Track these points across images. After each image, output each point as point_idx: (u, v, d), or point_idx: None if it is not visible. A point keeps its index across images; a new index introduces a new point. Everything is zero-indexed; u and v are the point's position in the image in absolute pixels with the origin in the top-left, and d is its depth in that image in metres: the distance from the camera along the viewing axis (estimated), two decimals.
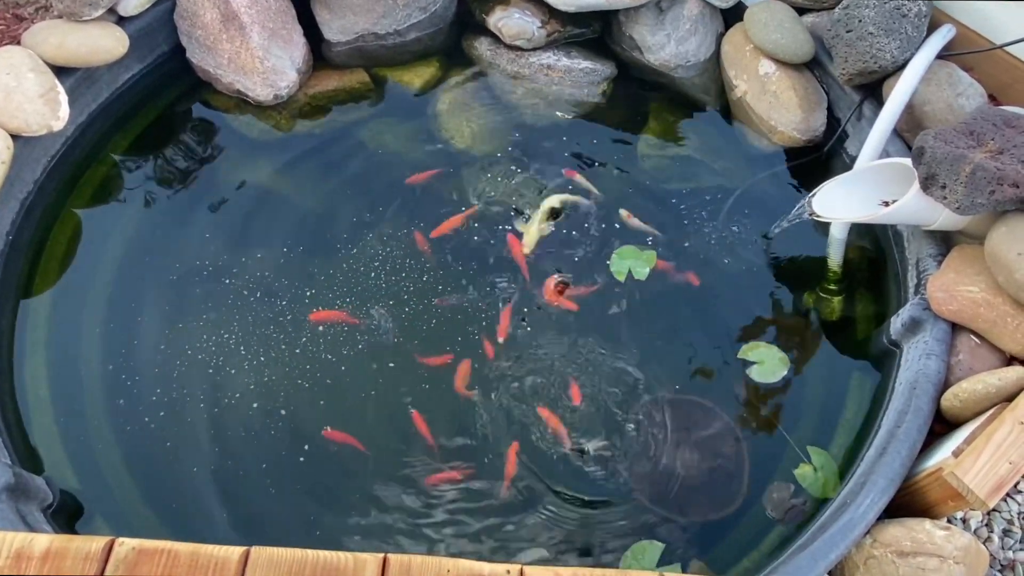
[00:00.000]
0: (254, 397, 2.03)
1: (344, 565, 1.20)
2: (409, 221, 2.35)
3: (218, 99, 2.58)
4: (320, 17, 2.62)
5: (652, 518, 1.90)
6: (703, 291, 2.26)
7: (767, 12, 2.51)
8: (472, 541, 1.86)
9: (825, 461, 1.96)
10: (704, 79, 2.71)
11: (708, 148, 2.59)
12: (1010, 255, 1.81)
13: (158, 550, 1.20)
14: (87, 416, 1.99)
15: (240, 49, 2.45)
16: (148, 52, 2.52)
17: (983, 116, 1.93)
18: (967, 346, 1.91)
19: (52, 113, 2.19)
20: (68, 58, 2.26)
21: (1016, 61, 2.27)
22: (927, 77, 2.23)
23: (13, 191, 2.17)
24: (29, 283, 2.18)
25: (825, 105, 2.52)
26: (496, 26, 2.66)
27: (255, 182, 2.43)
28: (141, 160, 2.46)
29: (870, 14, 2.27)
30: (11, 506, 1.69)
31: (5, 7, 2.42)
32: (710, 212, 2.41)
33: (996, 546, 1.90)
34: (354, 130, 2.57)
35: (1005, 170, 1.79)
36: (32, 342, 2.09)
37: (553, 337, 2.15)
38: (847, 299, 2.27)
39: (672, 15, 2.64)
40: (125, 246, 2.27)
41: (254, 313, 2.15)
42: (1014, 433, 1.62)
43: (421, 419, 2.00)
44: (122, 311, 2.15)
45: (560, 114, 2.63)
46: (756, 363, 2.12)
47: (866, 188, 2.14)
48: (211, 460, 1.95)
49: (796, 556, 1.64)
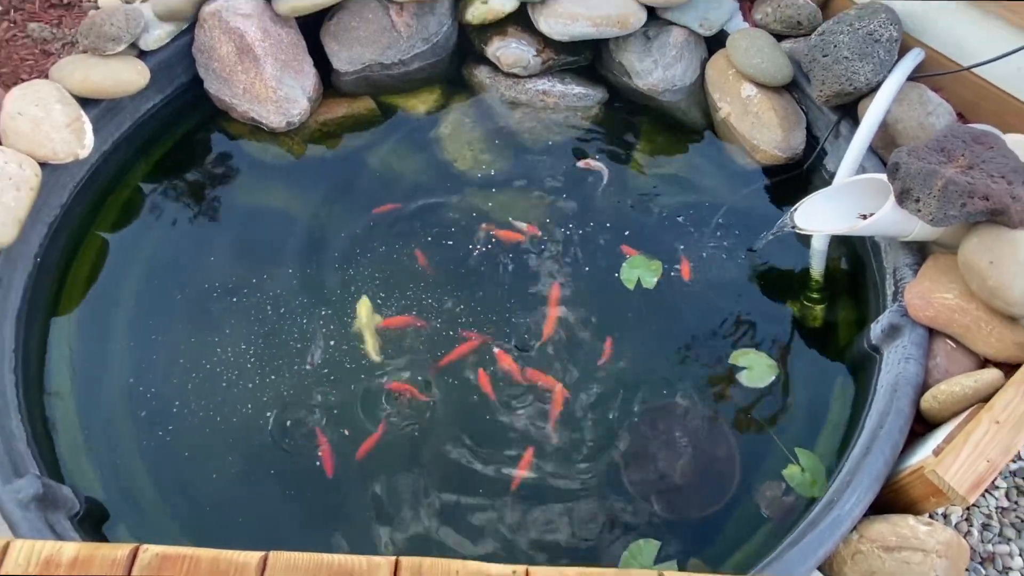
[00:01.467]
0: (268, 408, 2.01)
1: (358, 567, 1.18)
2: (413, 239, 2.34)
3: (234, 126, 2.59)
4: (329, 49, 2.64)
5: (649, 517, 1.89)
6: (694, 300, 2.26)
7: (748, 39, 2.53)
8: (477, 542, 1.85)
9: (812, 461, 1.95)
10: (690, 102, 2.72)
11: (695, 166, 2.60)
12: (982, 263, 1.82)
13: (180, 556, 1.19)
14: (111, 428, 1.99)
15: (254, 80, 2.46)
16: (168, 84, 2.54)
17: (953, 133, 1.94)
18: (943, 350, 1.90)
19: (78, 142, 2.19)
20: (93, 90, 2.27)
21: (982, 81, 2.28)
22: (899, 98, 2.24)
23: (41, 215, 2.17)
24: (56, 302, 2.18)
25: (804, 125, 2.53)
26: (494, 55, 2.67)
27: (269, 204, 2.43)
28: (161, 185, 2.46)
29: (845, 39, 2.28)
30: (40, 515, 1.68)
31: (34, 44, 2.43)
32: (699, 226, 2.42)
33: (976, 540, 1.89)
34: (362, 154, 2.57)
35: (975, 184, 1.79)
36: (59, 357, 2.09)
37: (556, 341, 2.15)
38: (829, 307, 2.27)
39: (659, 43, 2.65)
40: (146, 266, 2.27)
41: (268, 328, 2.15)
42: (990, 432, 1.61)
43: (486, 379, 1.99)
44: (143, 327, 2.15)
45: (556, 136, 2.64)
46: (745, 368, 2.12)
47: (845, 202, 2.14)
48: (228, 468, 1.94)
49: (787, 552, 1.63)
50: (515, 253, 2.32)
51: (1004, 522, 1.93)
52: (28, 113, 2.13)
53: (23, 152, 2.10)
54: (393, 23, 2.63)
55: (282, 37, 2.52)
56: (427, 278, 2.26)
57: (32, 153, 2.11)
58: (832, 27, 2.34)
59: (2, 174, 2.01)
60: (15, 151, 2.09)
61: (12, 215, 2.00)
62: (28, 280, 2.11)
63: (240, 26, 2.40)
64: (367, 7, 2.61)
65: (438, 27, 2.69)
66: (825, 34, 2.34)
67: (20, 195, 2.03)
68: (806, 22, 2.53)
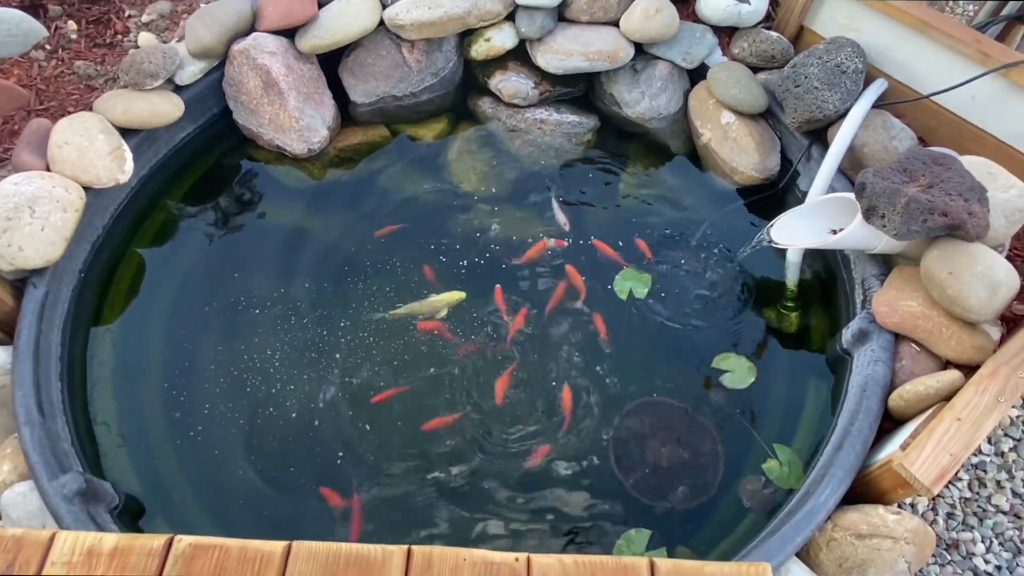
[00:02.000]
0: (291, 410, 2.02)
1: (373, 556, 1.18)
2: (421, 255, 2.35)
3: (260, 153, 2.61)
4: (347, 83, 2.66)
5: (640, 508, 1.88)
6: (679, 309, 2.26)
7: (726, 71, 2.55)
8: (482, 533, 1.84)
9: (789, 456, 1.95)
10: (674, 129, 2.73)
11: (680, 187, 2.61)
12: (942, 274, 1.82)
13: (212, 545, 1.19)
14: (147, 428, 1.99)
15: (279, 111, 2.48)
16: (200, 115, 2.55)
17: (914, 155, 1.95)
18: (909, 353, 1.90)
19: (119, 168, 2.21)
20: (132, 121, 2.28)
21: (940, 108, 2.30)
22: (865, 123, 2.25)
23: (85, 235, 2.19)
24: (98, 313, 2.19)
25: (778, 149, 2.54)
26: (496, 87, 2.69)
27: (292, 223, 2.45)
28: (194, 207, 2.48)
29: (815, 71, 2.30)
30: (82, 508, 1.68)
31: (79, 80, 2.45)
32: (683, 242, 2.43)
33: (941, 527, 1.88)
34: (376, 177, 2.59)
35: (935, 201, 1.80)
36: (100, 364, 2.09)
37: (555, 345, 2.15)
38: (804, 314, 2.27)
39: (645, 75, 2.67)
40: (180, 281, 2.28)
41: (291, 336, 2.16)
42: (952, 428, 1.61)
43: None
44: (178, 336, 2.16)
45: (552, 160, 2.65)
46: (727, 371, 2.12)
47: (817, 219, 2.15)
48: (254, 465, 1.94)
49: (767, 540, 1.63)
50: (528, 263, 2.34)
51: (967, 511, 1.92)
52: (74, 142, 2.14)
53: (69, 177, 2.12)
54: (405, 59, 2.65)
55: (304, 72, 2.54)
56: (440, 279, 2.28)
57: (77, 178, 2.13)
58: (803, 60, 2.35)
59: (50, 197, 2.03)
60: (62, 176, 2.11)
61: (59, 234, 2.01)
62: (73, 293, 2.12)
63: (266, 62, 2.42)
64: (381, 45, 2.63)
65: (445, 62, 2.71)
66: (797, 66, 2.36)
67: (66, 216, 2.04)
68: (779, 56, 2.55)
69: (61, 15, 2.63)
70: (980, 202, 1.83)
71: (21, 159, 2.11)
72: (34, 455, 1.73)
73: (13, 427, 1.82)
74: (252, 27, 2.51)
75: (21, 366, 1.87)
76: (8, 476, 1.76)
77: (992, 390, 1.67)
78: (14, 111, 2.35)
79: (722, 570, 1.19)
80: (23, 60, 2.50)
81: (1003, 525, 1.89)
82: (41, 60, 2.50)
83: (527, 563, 1.17)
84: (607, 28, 2.62)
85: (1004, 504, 1.93)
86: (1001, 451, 2.02)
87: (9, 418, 1.85)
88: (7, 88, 2.36)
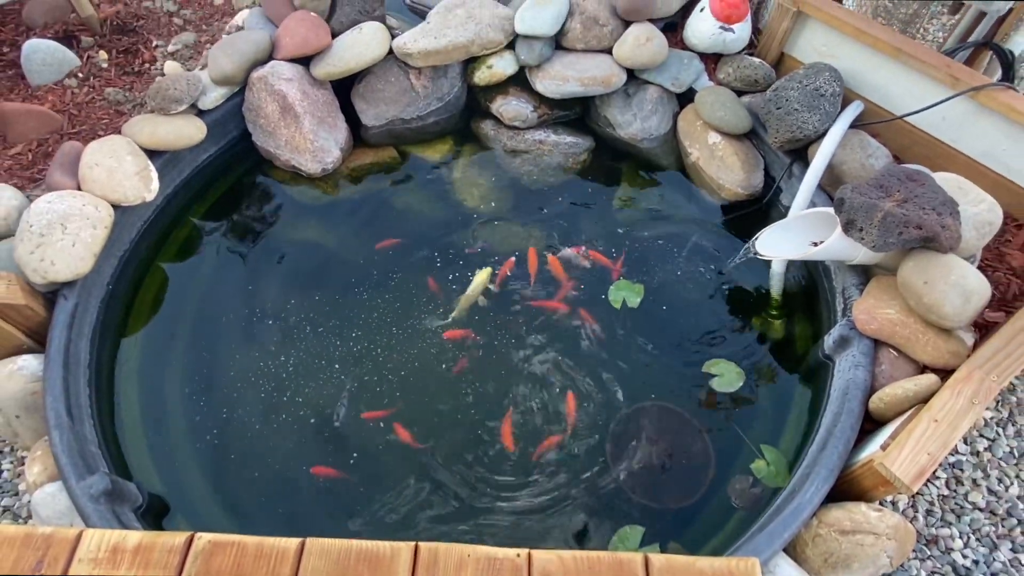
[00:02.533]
0: (306, 416, 2.01)
1: (382, 552, 1.17)
2: (427, 266, 2.36)
3: (276, 173, 2.62)
4: (358, 107, 2.68)
5: (634, 506, 1.87)
6: (670, 317, 2.26)
7: (713, 95, 2.56)
8: (485, 529, 1.83)
9: (776, 456, 1.94)
10: (664, 148, 2.74)
11: (670, 202, 2.61)
12: (918, 284, 1.82)
13: (230, 542, 1.18)
14: (170, 431, 1.99)
15: (295, 134, 2.50)
16: (221, 137, 2.57)
17: (890, 172, 1.96)
18: (888, 358, 1.90)
19: (145, 187, 2.22)
20: (158, 143, 2.30)
21: (913, 128, 2.31)
22: (843, 143, 2.26)
23: (113, 249, 2.19)
24: (125, 323, 2.19)
25: (762, 166, 2.55)
26: (498, 111, 2.71)
27: (306, 239, 2.45)
28: (215, 223, 2.49)
29: (795, 95, 2.31)
30: (108, 507, 1.68)
31: (109, 105, 2.48)
32: (674, 254, 2.43)
33: (921, 524, 1.86)
34: (386, 195, 2.60)
35: (910, 215, 1.80)
36: (127, 371, 2.09)
37: (553, 349, 2.15)
38: (788, 322, 2.27)
39: (637, 99, 2.69)
40: (202, 292, 2.29)
41: (305, 345, 2.15)
42: (930, 429, 1.60)
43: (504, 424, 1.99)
44: (199, 345, 2.16)
45: (551, 179, 2.66)
46: (717, 376, 2.11)
47: (799, 232, 2.15)
48: (270, 466, 1.93)
49: (756, 536, 1.61)
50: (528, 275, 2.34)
51: (945, 508, 1.90)
52: (103, 163, 2.16)
53: (99, 196, 2.13)
54: (412, 85, 2.67)
55: (318, 97, 2.56)
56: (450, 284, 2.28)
57: (106, 197, 2.14)
58: (784, 84, 2.37)
59: (81, 215, 2.04)
60: (92, 195, 2.12)
61: (89, 249, 2.02)
62: (101, 305, 2.12)
63: (283, 88, 2.44)
64: (391, 72, 2.65)
65: (450, 88, 2.73)
66: (778, 90, 2.37)
67: (96, 232, 2.05)
68: (762, 80, 2.56)
69: (93, 45, 2.66)
70: (952, 216, 1.83)
71: (54, 179, 2.13)
72: (63, 457, 1.73)
73: (44, 430, 1.82)
74: (270, 56, 2.53)
75: (52, 373, 1.87)
76: (38, 477, 1.76)
77: (967, 393, 1.66)
78: (48, 135, 2.37)
79: (712, 565, 1.18)
80: (57, 87, 2.52)
81: (980, 521, 1.88)
82: (74, 87, 2.53)
83: (528, 559, 1.16)
84: (601, 55, 2.64)
85: (980, 501, 1.91)
86: (977, 451, 2.01)
87: (40, 422, 1.85)
88: (41, 113, 2.38)
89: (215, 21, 2.82)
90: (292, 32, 2.50)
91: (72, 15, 2.72)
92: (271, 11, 2.61)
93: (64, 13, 2.73)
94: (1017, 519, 1.88)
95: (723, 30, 2.55)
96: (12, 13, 2.79)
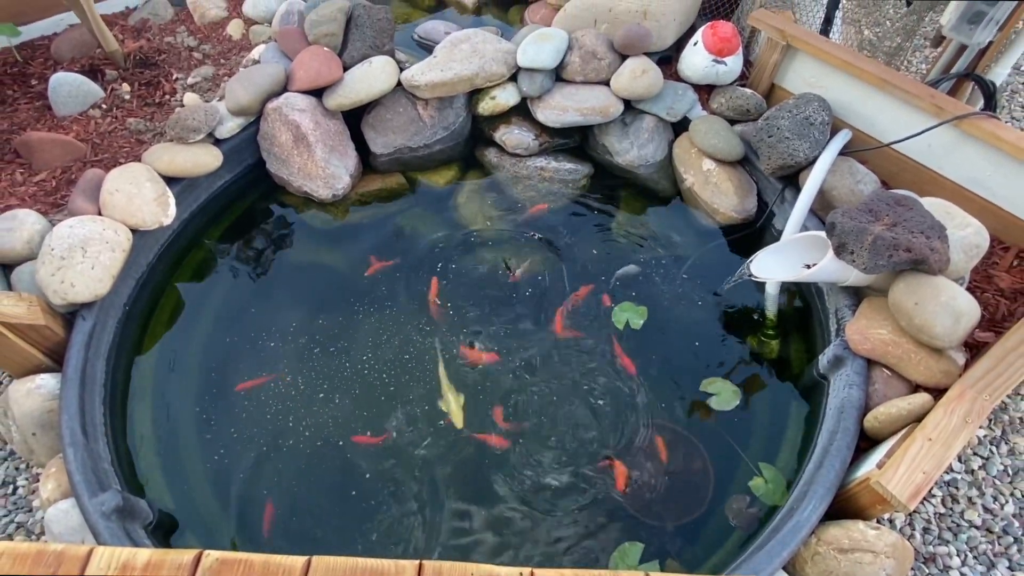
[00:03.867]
0: (313, 436, 1.99)
1: (387, 570, 1.15)
2: (439, 278, 2.35)
3: (289, 198, 2.64)
4: (368, 136, 2.70)
5: (634, 523, 1.83)
6: (669, 337, 2.24)
7: (706, 123, 2.58)
8: (488, 548, 1.79)
9: (774, 474, 1.90)
10: (660, 174, 2.76)
11: (666, 226, 2.61)
12: (908, 304, 1.81)
13: (237, 560, 1.15)
14: (180, 449, 1.96)
15: (307, 161, 2.52)
16: (236, 164, 2.59)
17: (879, 197, 1.96)
18: (881, 377, 1.88)
19: (163, 212, 2.24)
20: (176, 171, 2.32)
21: (901, 155, 2.32)
22: (832, 169, 2.27)
23: (131, 271, 2.20)
24: (140, 343, 2.18)
25: (755, 192, 2.55)
26: (501, 139, 2.74)
27: (317, 261, 2.46)
28: (229, 246, 2.50)
29: (786, 123, 2.33)
30: (119, 524, 1.65)
31: (130, 135, 2.51)
32: (671, 275, 2.42)
33: (919, 542, 1.82)
34: (394, 219, 2.61)
35: (899, 238, 1.80)
36: (140, 389, 2.08)
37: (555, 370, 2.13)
38: (783, 342, 2.25)
39: (634, 128, 2.71)
40: (215, 314, 2.28)
41: (315, 364, 2.14)
42: (924, 448, 1.58)
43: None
44: (210, 364, 2.14)
45: (551, 203, 2.67)
46: (714, 395, 2.09)
47: (792, 255, 2.15)
48: (277, 486, 1.90)
49: (755, 554, 1.58)
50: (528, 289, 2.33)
51: (942, 526, 1.86)
52: (123, 190, 2.18)
53: (118, 220, 2.14)
54: (419, 115, 2.70)
55: (330, 127, 2.59)
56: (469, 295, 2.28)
57: (125, 221, 2.15)
58: (775, 113, 2.39)
59: (100, 239, 2.05)
60: (112, 220, 2.13)
61: (108, 271, 2.03)
62: (117, 325, 2.12)
63: (297, 119, 2.47)
64: (399, 103, 2.69)
65: (455, 118, 2.76)
66: (769, 119, 2.39)
67: (115, 255, 2.06)
68: (753, 110, 2.58)
69: (117, 78, 2.70)
70: (940, 239, 1.82)
71: (76, 204, 2.15)
72: (77, 474, 1.71)
73: (59, 448, 1.81)
74: (285, 88, 2.57)
75: (68, 392, 1.86)
76: (52, 494, 1.74)
77: (960, 412, 1.64)
78: (71, 162, 2.40)
79: None
80: (81, 117, 2.56)
81: (977, 539, 1.83)
82: (97, 117, 2.56)
83: None
84: (599, 87, 2.67)
85: (976, 519, 1.87)
86: (971, 469, 1.97)
87: (55, 439, 1.84)
88: (66, 142, 2.41)
89: (233, 55, 2.87)
90: (306, 65, 2.54)
91: (98, 50, 2.77)
92: (286, 46, 2.66)
93: (90, 48, 2.78)
94: (1013, 537, 1.84)
95: (716, 63, 2.59)
96: (42, 48, 2.84)
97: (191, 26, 3.02)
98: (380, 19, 2.67)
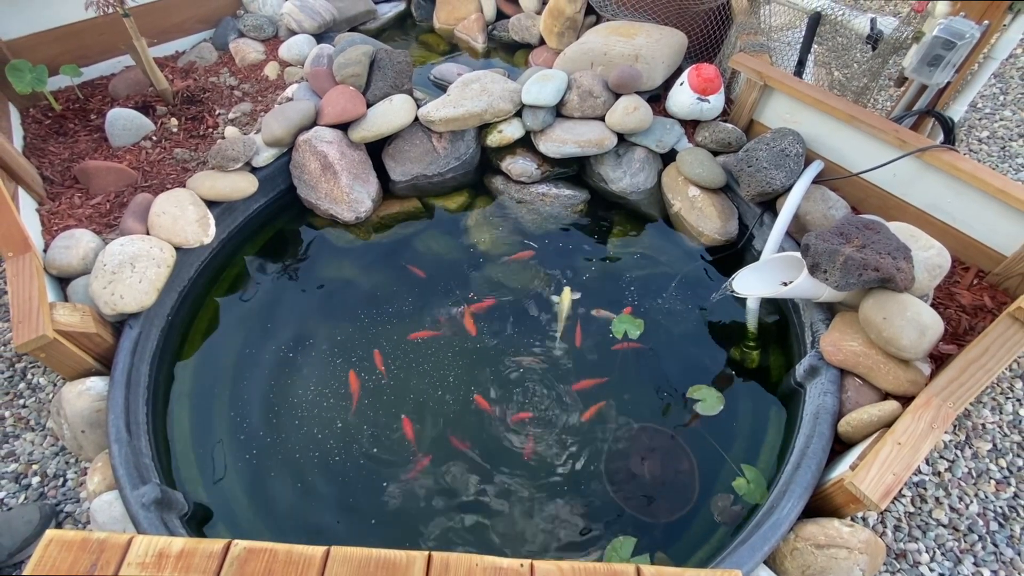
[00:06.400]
0: (337, 436, 1.98)
1: (399, 560, 1.14)
2: (448, 295, 2.36)
3: (316, 220, 2.66)
4: (388, 164, 2.73)
5: (626, 518, 1.81)
6: (658, 347, 2.23)
7: (692, 155, 2.59)
8: (489, 542, 1.77)
9: (755, 475, 1.88)
10: (650, 200, 2.76)
11: (656, 247, 2.61)
12: (877, 319, 1.79)
13: (263, 549, 1.15)
14: (216, 447, 1.96)
15: (333, 187, 2.55)
16: (270, 190, 2.62)
17: (849, 222, 1.96)
18: (853, 386, 1.86)
19: (204, 232, 2.26)
20: (216, 195, 2.35)
21: (868, 183, 2.31)
22: (807, 196, 2.27)
23: (174, 285, 2.22)
24: (181, 349, 2.19)
25: (737, 216, 2.55)
26: (507, 168, 2.75)
27: (342, 277, 2.47)
28: (263, 263, 2.51)
29: (764, 154, 2.34)
30: (157, 515, 1.64)
31: (176, 163, 2.54)
32: (660, 292, 2.41)
33: (890, 539, 1.79)
34: (411, 240, 2.62)
35: (868, 259, 1.79)
36: (180, 392, 2.08)
37: (554, 377, 2.12)
38: (763, 352, 2.23)
39: (627, 158, 2.72)
40: (249, 324, 2.29)
41: (339, 371, 2.14)
42: (894, 451, 1.55)
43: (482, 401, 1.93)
44: (245, 370, 2.15)
45: (551, 226, 2.68)
46: (700, 400, 2.07)
47: (770, 273, 2.14)
48: (303, 482, 1.89)
49: (738, 549, 1.55)
50: (527, 302, 2.33)
51: (912, 524, 1.82)
52: (169, 212, 2.20)
53: (164, 239, 2.17)
54: (434, 147, 2.73)
55: (354, 157, 2.62)
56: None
57: (170, 240, 2.18)
58: (754, 146, 2.40)
59: (148, 256, 2.07)
60: (158, 239, 2.16)
61: (153, 285, 2.04)
62: (161, 334, 2.14)
63: (324, 149, 2.50)
64: (416, 135, 2.72)
65: (466, 149, 2.78)
66: (749, 151, 2.40)
67: (160, 271, 2.08)
68: (734, 142, 2.59)
69: (166, 113, 2.75)
70: (906, 259, 1.81)
71: (127, 225, 2.17)
72: (120, 468, 1.71)
73: (105, 444, 1.81)
74: (314, 122, 2.60)
75: (115, 393, 1.86)
76: (98, 486, 1.74)
77: (927, 418, 1.61)
78: (124, 188, 2.43)
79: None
80: (134, 148, 2.60)
81: (944, 537, 1.79)
82: (148, 148, 2.60)
83: (531, 569, 1.12)
84: (595, 122, 2.69)
85: (943, 518, 1.83)
86: (938, 471, 1.93)
87: (102, 436, 1.84)
88: (120, 170, 2.45)
89: (269, 93, 2.92)
90: (333, 102, 2.58)
91: (150, 88, 2.83)
92: (316, 85, 2.71)
93: (143, 87, 2.84)
94: (978, 535, 1.80)
95: (700, 100, 2.61)
96: (100, 86, 2.90)
97: (233, 67, 3.08)
98: (400, 62, 2.71)
